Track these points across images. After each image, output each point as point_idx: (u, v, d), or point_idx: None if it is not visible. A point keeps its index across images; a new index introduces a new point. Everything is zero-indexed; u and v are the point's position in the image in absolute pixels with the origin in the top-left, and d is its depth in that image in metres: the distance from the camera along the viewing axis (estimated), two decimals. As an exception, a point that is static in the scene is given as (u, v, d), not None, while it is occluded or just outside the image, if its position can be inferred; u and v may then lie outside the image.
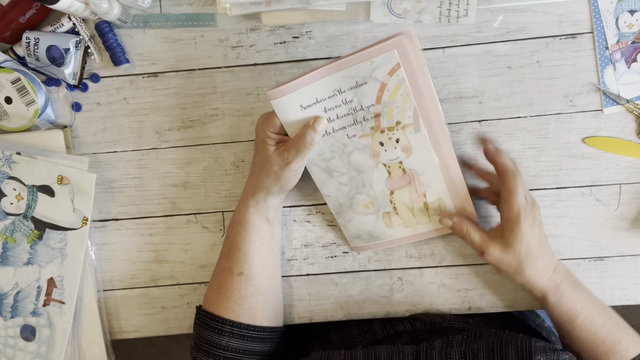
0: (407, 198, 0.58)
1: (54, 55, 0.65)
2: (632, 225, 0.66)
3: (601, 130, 0.65)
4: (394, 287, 0.68)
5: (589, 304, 0.58)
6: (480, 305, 0.67)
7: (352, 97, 0.52)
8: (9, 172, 0.67)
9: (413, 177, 0.56)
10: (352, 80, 0.51)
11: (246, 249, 0.60)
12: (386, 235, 0.62)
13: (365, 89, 0.51)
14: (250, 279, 0.60)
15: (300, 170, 0.57)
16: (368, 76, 0.50)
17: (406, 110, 0.52)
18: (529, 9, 0.64)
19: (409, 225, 0.61)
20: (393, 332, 0.65)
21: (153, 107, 0.68)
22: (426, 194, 0.58)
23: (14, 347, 0.68)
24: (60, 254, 0.67)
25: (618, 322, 0.59)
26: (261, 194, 0.59)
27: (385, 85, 0.50)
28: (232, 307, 0.59)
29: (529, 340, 0.55)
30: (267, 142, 0.57)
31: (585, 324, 0.57)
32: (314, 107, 0.53)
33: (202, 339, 0.60)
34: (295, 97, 0.52)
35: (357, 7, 0.63)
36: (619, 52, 0.64)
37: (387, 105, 0.52)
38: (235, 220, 0.62)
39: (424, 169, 0.56)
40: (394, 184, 0.57)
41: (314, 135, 0.55)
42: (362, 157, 0.56)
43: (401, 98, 0.51)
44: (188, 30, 0.67)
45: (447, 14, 0.63)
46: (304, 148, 0.55)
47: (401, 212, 0.59)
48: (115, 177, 0.69)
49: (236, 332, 0.59)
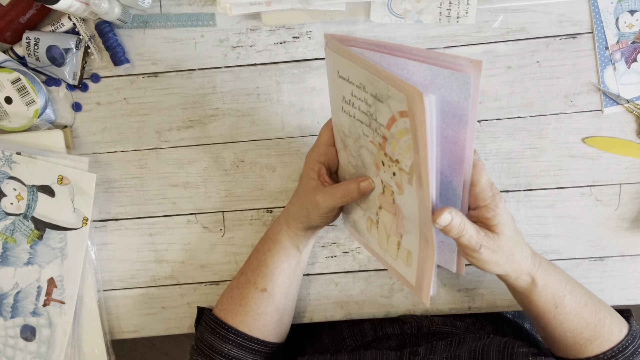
0: (389, 224, 0.53)
1: (54, 55, 0.65)
2: (632, 225, 0.66)
3: (601, 130, 0.65)
4: (394, 287, 0.68)
5: (569, 282, 0.55)
6: (480, 305, 0.67)
7: (371, 103, 0.47)
8: (9, 172, 0.67)
9: (397, 213, 0.51)
10: (374, 89, 0.45)
11: (273, 267, 0.60)
12: (364, 236, 0.59)
13: (381, 107, 0.46)
14: (272, 297, 0.60)
15: (329, 216, 0.56)
16: (385, 98, 0.44)
17: (406, 159, 0.46)
18: (529, 9, 0.64)
19: (381, 246, 0.56)
20: (382, 334, 0.65)
21: (153, 107, 0.68)
22: (402, 236, 0.52)
23: (14, 347, 0.68)
24: (61, 254, 0.67)
25: (597, 299, 0.57)
26: (293, 222, 0.59)
27: (395, 120, 0.45)
28: (248, 321, 0.60)
29: (512, 344, 0.55)
30: (310, 173, 0.56)
31: (571, 305, 0.54)
32: (346, 84, 0.49)
33: (204, 342, 0.61)
34: (337, 60, 0.48)
35: (357, 7, 0.63)
36: (619, 52, 0.64)
37: (393, 138, 0.46)
38: (268, 237, 0.62)
39: (407, 215, 0.50)
40: (384, 203, 0.52)
41: (355, 193, 0.52)
42: (368, 158, 0.52)
43: (404, 144, 0.45)
44: (188, 30, 0.67)
45: (447, 14, 0.63)
46: (339, 198, 0.53)
47: (380, 230, 0.55)
48: (115, 177, 0.69)
49: (239, 342, 0.60)
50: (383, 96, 0.44)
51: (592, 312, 0.55)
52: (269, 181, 0.68)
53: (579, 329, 0.54)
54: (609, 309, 0.57)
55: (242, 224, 0.69)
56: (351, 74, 0.48)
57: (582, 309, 0.54)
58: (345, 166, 0.56)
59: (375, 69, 0.44)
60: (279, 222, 0.61)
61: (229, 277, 0.69)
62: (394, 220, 0.52)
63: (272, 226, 0.62)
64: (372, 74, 0.44)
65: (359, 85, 0.47)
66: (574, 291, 0.55)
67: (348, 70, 0.48)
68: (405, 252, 0.53)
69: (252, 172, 0.68)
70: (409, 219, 0.49)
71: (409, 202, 0.48)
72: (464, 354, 0.54)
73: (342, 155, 0.56)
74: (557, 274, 0.55)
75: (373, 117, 0.48)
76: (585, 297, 0.55)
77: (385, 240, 0.55)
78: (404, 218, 0.50)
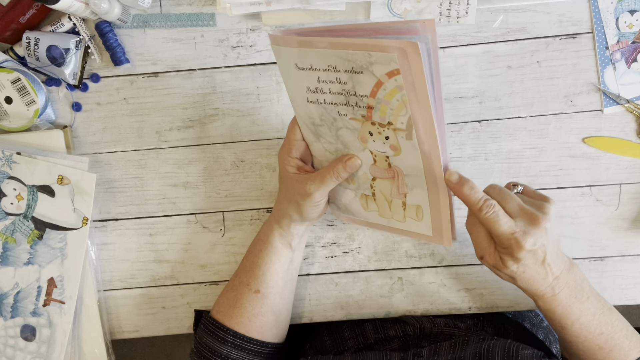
0: (388, 190, 0.55)
1: (54, 55, 0.65)
2: (632, 225, 0.66)
3: (601, 130, 0.65)
4: (394, 287, 0.68)
5: (587, 315, 0.54)
6: (480, 305, 0.67)
7: (346, 79, 0.47)
8: (9, 172, 0.67)
9: (397, 174, 0.53)
10: (349, 64, 0.46)
11: (265, 268, 0.60)
12: (360, 214, 0.60)
13: (361, 78, 0.47)
14: (266, 297, 0.60)
15: (322, 203, 0.56)
16: (365, 68, 0.45)
17: (400, 116, 0.47)
18: (529, 9, 0.64)
19: (384, 215, 0.58)
20: (384, 336, 0.65)
21: (153, 107, 0.68)
22: (407, 194, 0.54)
23: (14, 347, 0.68)
24: (61, 254, 0.67)
25: (621, 329, 0.56)
26: (285, 221, 0.59)
27: (382, 84, 0.46)
28: (244, 322, 0.60)
29: (517, 346, 0.55)
30: (288, 168, 0.56)
31: (578, 332, 0.55)
32: (308, 73, 0.49)
33: (204, 345, 0.61)
34: (293, 53, 0.48)
35: (357, 7, 0.63)
36: (619, 52, 0.64)
37: (381, 103, 0.47)
38: (259, 238, 0.62)
39: (409, 172, 0.52)
40: (377, 172, 0.54)
41: (343, 172, 0.53)
42: (350, 137, 0.52)
43: (397, 102, 0.46)
44: (188, 30, 0.67)
45: (447, 14, 0.63)
46: (329, 180, 0.53)
47: (379, 200, 0.57)
48: (115, 177, 0.69)
49: (238, 343, 0.60)
50: (362, 66, 0.45)
51: (607, 340, 0.55)
52: (269, 181, 0.68)
53: (591, 350, 0.55)
54: (629, 334, 0.56)
55: (242, 224, 0.69)
56: (314, 61, 0.48)
57: (594, 337, 0.54)
58: (321, 156, 0.57)
59: (349, 44, 0.45)
60: (269, 224, 0.61)
61: (229, 277, 0.69)
62: (393, 184, 0.54)
63: (263, 228, 0.62)
64: (346, 50, 0.45)
65: (326, 69, 0.48)
66: (588, 322, 0.54)
67: (309, 59, 0.48)
68: (414, 209, 0.55)
69: (252, 172, 0.68)
70: (411, 175, 0.52)
71: (410, 157, 0.50)
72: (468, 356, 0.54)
73: (315, 146, 0.56)
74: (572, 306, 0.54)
75: (351, 92, 0.48)
76: (603, 327, 0.55)
77: (388, 208, 0.57)
78: (405, 176, 0.52)
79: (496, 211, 0.49)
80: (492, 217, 0.49)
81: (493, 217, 0.49)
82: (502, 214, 0.49)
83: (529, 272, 0.51)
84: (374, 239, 0.68)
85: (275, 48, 0.49)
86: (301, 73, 0.49)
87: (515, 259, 0.50)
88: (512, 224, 0.49)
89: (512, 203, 0.50)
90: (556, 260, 0.52)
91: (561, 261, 0.53)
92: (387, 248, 0.68)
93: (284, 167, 0.56)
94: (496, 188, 0.52)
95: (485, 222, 0.49)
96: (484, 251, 0.52)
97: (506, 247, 0.49)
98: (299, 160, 0.56)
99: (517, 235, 0.49)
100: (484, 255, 0.52)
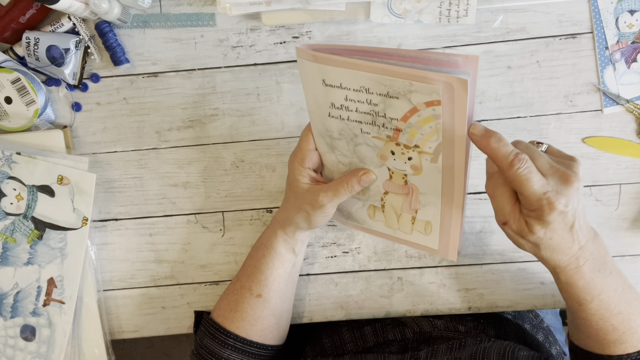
0: (399, 205, 0.56)
1: (54, 55, 0.65)
2: (632, 225, 0.66)
3: (601, 130, 0.65)
4: (394, 287, 0.68)
5: (608, 290, 0.51)
6: (480, 305, 0.67)
7: (378, 102, 0.47)
8: (9, 172, 0.67)
9: (412, 191, 0.54)
10: (385, 88, 0.46)
11: (268, 273, 0.60)
12: (365, 223, 0.61)
13: (395, 103, 0.46)
14: (267, 302, 0.60)
15: (331, 212, 0.56)
16: (402, 94, 0.45)
17: (429, 142, 0.48)
18: (529, 9, 0.64)
19: (390, 226, 0.59)
20: (383, 340, 0.65)
21: (153, 107, 0.68)
22: (418, 210, 0.55)
23: (14, 347, 0.68)
24: (60, 254, 0.67)
25: (638, 309, 0.52)
26: (290, 228, 0.59)
27: (418, 111, 0.46)
28: (245, 326, 0.60)
29: (513, 348, 0.54)
30: (300, 178, 0.55)
31: (596, 310, 0.51)
32: (336, 91, 0.49)
33: (204, 348, 0.61)
34: (322, 69, 0.47)
35: (357, 7, 0.63)
36: (619, 52, 0.64)
37: (411, 127, 0.47)
38: (262, 243, 0.62)
39: (425, 191, 0.53)
40: (392, 188, 0.55)
41: (357, 186, 0.53)
42: (368, 153, 0.53)
43: (429, 129, 0.47)
44: (188, 30, 0.67)
45: (447, 14, 0.63)
46: (343, 193, 0.53)
47: (387, 212, 0.58)
48: (115, 177, 0.69)
49: (238, 346, 0.60)
50: (400, 93, 0.45)
51: (623, 321, 0.51)
52: (269, 181, 0.68)
53: (603, 330, 0.52)
54: None
55: (242, 224, 0.69)
56: (345, 80, 0.47)
57: (611, 316, 0.51)
58: (332, 167, 0.57)
59: (392, 71, 0.44)
60: (272, 229, 0.61)
61: (229, 277, 0.69)
62: (406, 200, 0.55)
63: (266, 233, 0.62)
64: (385, 75, 0.45)
65: (357, 89, 0.48)
66: (608, 299, 0.51)
67: (340, 77, 0.47)
68: (423, 223, 0.56)
69: (252, 172, 0.68)
70: (426, 194, 0.53)
71: (430, 178, 0.51)
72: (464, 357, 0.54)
73: (328, 157, 0.56)
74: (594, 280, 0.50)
75: (380, 114, 0.49)
76: (621, 307, 0.51)
77: (396, 220, 0.58)
78: (420, 194, 0.54)
79: (529, 167, 0.44)
80: (524, 174, 0.43)
81: (525, 174, 0.43)
82: (534, 171, 0.44)
83: (556, 238, 0.46)
84: (374, 239, 0.68)
85: (304, 62, 0.48)
86: (328, 89, 0.49)
87: (544, 222, 0.45)
88: (544, 182, 0.44)
89: (542, 159, 0.46)
90: (583, 227, 0.48)
91: (587, 229, 0.49)
92: (387, 248, 0.68)
93: (296, 177, 0.56)
94: (522, 144, 0.48)
95: (516, 179, 0.44)
96: (509, 216, 0.47)
97: (535, 208, 0.45)
98: (311, 170, 0.56)
99: (549, 195, 0.44)
100: (508, 221, 0.47)
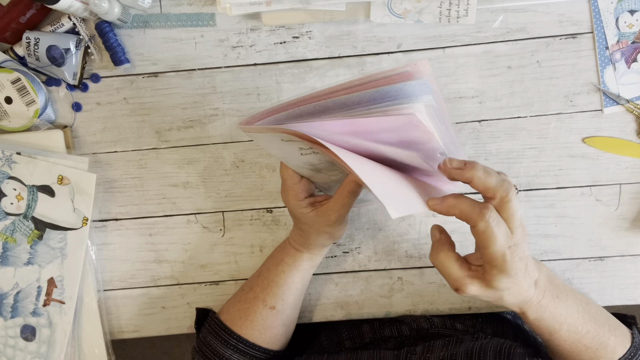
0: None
1: (54, 55, 0.65)
2: (632, 225, 0.66)
3: (601, 130, 0.65)
4: (394, 287, 0.68)
5: (572, 313, 0.51)
6: (480, 305, 0.67)
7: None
8: (9, 172, 0.67)
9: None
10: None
11: (286, 288, 0.61)
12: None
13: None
14: (281, 313, 0.61)
15: (347, 218, 0.56)
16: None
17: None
18: (529, 9, 0.64)
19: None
20: (380, 336, 0.65)
21: (153, 107, 0.68)
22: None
23: (14, 347, 0.68)
24: (61, 254, 0.67)
25: (604, 323, 0.53)
26: (316, 249, 0.60)
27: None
28: (254, 334, 0.61)
29: (510, 345, 0.54)
30: (303, 211, 0.55)
31: (567, 335, 0.51)
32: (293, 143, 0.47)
33: (207, 345, 0.61)
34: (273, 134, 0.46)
35: (357, 7, 0.63)
36: (619, 52, 0.64)
37: None
38: (282, 259, 0.61)
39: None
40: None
41: (357, 188, 0.51)
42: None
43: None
44: (188, 30, 0.67)
45: (447, 14, 0.63)
46: (349, 201, 0.52)
47: None
48: (115, 177, 0.69)
49: (241, 348, 0.60)
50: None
51: (593, 338, 0.52)
52: (269, 181, 0.68)
53: (577, 352, 0.52)
54: (613, 328, 0.54)
55: (242, 224, 0.69)
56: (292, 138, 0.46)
57: (581, 337, 0.51)
58: (325, 183, 0.57)
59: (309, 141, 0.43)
60: (298, 253, 0.60)
61: (229, 277, 0.69)
62: None
63: (287, 252, 0.61)
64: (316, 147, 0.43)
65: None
66: (574, 323, 0.51)
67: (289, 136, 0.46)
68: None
69: (252, 172, 0.68)
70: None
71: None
72: (460, 353, 0.54)
73: (317, 176, 0.55)
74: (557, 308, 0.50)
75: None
76: (588, 326, 0.51)
77: None
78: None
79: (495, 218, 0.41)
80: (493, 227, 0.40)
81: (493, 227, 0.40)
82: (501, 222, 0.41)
83: (517, 282, 0.44)
84: (374, 239, 0.68)
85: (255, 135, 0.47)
86: (289, 143, 0.48)
87: (508, 274, 0.42)
88: (508, 233, 0.41)
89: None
90: (530, 261, 0.45)
91: (532, 261, 0.47)
92: (387, 248, 0.68)
93: (299, 212, 0.55)
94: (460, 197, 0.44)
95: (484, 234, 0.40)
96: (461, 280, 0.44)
97: (499, 263, 0.42)
98: (308, 198, 0.55)
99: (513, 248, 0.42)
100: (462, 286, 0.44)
